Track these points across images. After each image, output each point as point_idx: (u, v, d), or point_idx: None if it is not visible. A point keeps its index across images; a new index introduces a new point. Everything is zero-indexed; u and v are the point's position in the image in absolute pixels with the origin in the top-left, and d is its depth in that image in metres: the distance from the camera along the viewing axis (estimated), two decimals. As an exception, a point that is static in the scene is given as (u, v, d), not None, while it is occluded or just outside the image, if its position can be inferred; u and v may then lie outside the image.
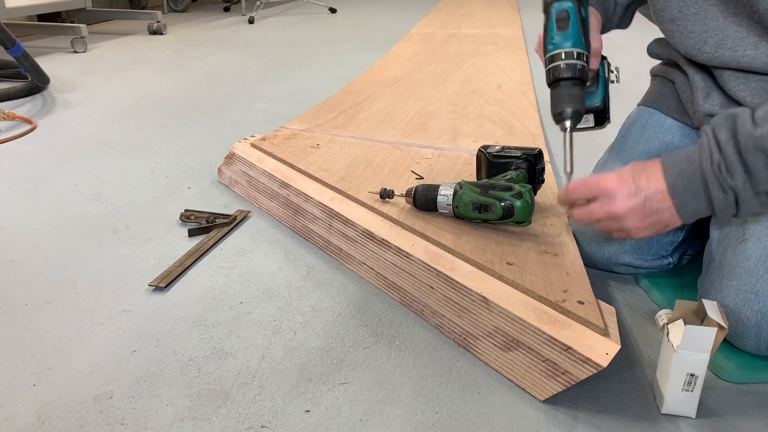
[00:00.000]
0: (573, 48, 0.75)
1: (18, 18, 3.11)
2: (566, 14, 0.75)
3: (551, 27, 0.76)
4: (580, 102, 0.76)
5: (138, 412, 0.71)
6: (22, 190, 1.34)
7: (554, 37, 0.76)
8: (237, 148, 1.36)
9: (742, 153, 0.65)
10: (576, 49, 0.75)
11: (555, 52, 0.76)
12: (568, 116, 0.76)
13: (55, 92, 2.14)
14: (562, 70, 0.75)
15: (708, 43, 0.80)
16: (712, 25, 0.80)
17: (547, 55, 0.77)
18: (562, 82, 0.76)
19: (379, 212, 1.01)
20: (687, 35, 0.83)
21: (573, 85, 0.76)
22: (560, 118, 0.77)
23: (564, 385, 0.71)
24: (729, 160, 0.66)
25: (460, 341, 0.83)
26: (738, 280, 0.76)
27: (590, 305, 0.75)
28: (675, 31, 0.84)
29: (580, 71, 0.75)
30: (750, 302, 0.75)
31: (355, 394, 0.74)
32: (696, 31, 0.81)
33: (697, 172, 0.68)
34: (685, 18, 0.82)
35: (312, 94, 2.07)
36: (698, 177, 0.68)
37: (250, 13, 3.89)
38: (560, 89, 0.76)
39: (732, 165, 0.66)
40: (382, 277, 0.95)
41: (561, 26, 0.75)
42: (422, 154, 1.28)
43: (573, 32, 0.75)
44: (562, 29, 0.75)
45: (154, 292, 0.96)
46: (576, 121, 0.76)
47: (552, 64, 0.77)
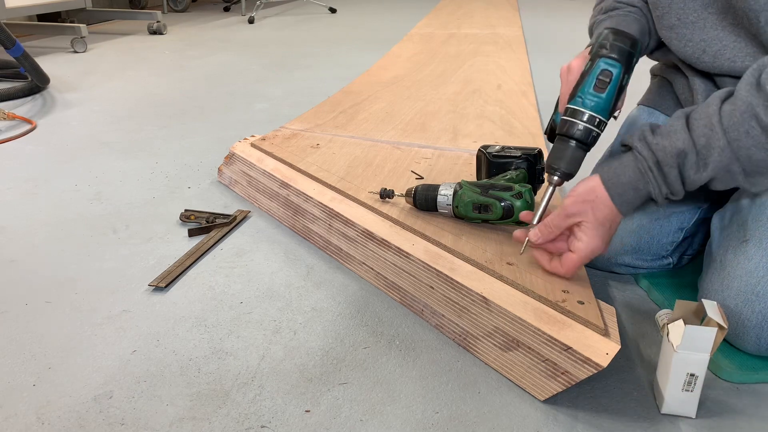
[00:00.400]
0: (598, 115, 0.74)
1: (18, 18, 3.11)
2: (610, 76, 0.73)
3: (589, 80, 0.74)
4: (577, 167, 0.77)
5: (138, 412, 0.71)
6: (22, 190, 1.34)
7: (587, 93, 0.74)
8: (237, 148, 1.36)
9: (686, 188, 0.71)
10: (600, 117, 0.74)
11: (581, 109, 0.74)
12: (562, 176, 0.77)
13: (55, 92, 2.14)
14: (579, 132, 0.74)
15: (707, 52, 0.80)
16: (711, 34, 0.79)
17: (572, 105, 0.75)
18: (573, 141, 0.75)
19: (379, 212, 1.01)
20: (686, 43, 0.82)
21: (580, 149, 0.76)
22: (554, 173, 0.77)
23: (564, 385, 0.71)
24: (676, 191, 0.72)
25: (460, 341, 0.83)
26: (739, 281, 0.76)
27: (590, 305, 0.75)
28: (673, 38, 0.84)
29: (592, 139, 0.75)
30: (751, 303, 0.75)
31: (355, 394, 0.74)
32: (695, 40, 0.81)
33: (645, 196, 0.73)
34: (684, 26, 0.82)
35: (312, 94, 2.07)
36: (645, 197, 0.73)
37: (250, 13, 3.89)
38: (567, 148, 0.76)
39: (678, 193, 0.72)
40: (382, 277, 0.95)
41: (599, 86, 0.73)
42: (422, 154, 1.28)
43: (607, 98, 0.74)
44: (600, 90, 0.73)
45: (154, 292, 0.96)
46: (565, 179, 0.78)
47: (571, 118, 0.75)
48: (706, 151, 0.68)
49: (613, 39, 0.74)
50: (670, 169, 0.70)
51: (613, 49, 0.74)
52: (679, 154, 0.69)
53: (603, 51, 0.74)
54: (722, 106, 0.67)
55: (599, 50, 0.75)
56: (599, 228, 0.75)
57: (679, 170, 0.70)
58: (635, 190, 0.73)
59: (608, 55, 0.74)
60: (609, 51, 0.74)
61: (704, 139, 0.67)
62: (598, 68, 0.74)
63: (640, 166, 0.72)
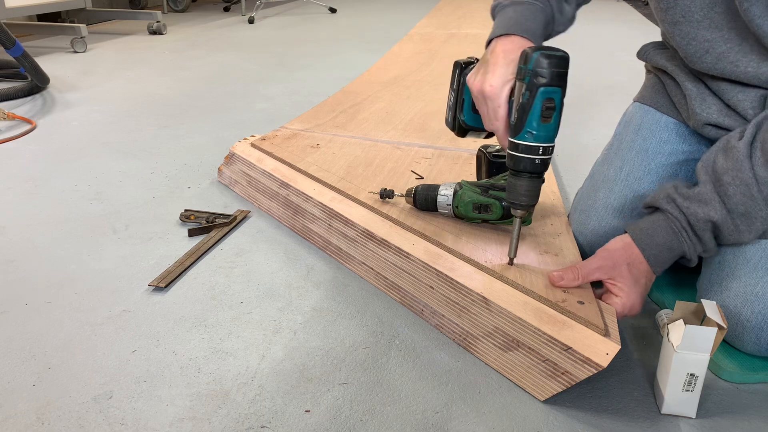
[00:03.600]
0: (549, 144, 0.72)
1: (18, 18, 3.11)
2: (553, 104, 0.70)
3: (534, 114, 0.70)
4: (538, 196, 0.77)
5: (138, 412, 0.71)
6: (22, 190, 1.34)
7: (536, 128, 0.71)
8: (237, 148, 1.35)
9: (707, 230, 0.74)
10: (550, 145, 0.73)
11: (533, 144, 0.72)
12: (525, 209, 0.77)
13: (55, 92, 2.14)
14: (536, 167, 0.73)
15: (710, 53, 0.80)
16: (716, 35, 0.78)
17: (521, 141, 0.72)
18: (528, 174, 0.74)
19: (379, 212, 1.01)
20: (689, 42, 0.82)
21: (537, 179, 0.75)
22: (516, 208, 0.77)
23: (564, 385, 0.71)
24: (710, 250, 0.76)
25: (460, 341, 0.83)
26: (738, 281, 0.76)
27: (590, 305, 0.75)
28: (676, 35, 0.83)
29: (546, 166, 0.74)
30: (750, 304, 0.75)
31: (355, 394, 0.74)
32: (699, 39, 0.80)
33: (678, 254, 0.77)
34: (688, 24, 0.80)
35: (312, 94, 2.07)
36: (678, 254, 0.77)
37: (250, 13, 3.89)
38: (526, 182, 0.75)
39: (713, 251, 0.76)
40: (382, 277, 0.95)
41: (546, 116, 0.70)
42: (422, 153, 1.28)
43: (554, 125, 0.72)
44: (546, 120, 0.71)
45: (154, 292, 0.96)
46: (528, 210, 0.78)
47: (526, 155, 0.73)
48: (746, 220, 0.71)
49: (548, 65, 0.69)
50: (703, 233, 0.74)
51: (552, 76, 0.69)
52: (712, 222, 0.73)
53: (540, 80, 0.69)
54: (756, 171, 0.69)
55: (536, 79, 0.70)
56: (635, 286, 0.77)
57: (714, 234, 0.74)
58: (670, 251, 0.75)
59: (548, 84, 0.70)
60: (548, 79, 0.69)
61: (743, 208, 0.70)
62: (541, 99, 0.70)
63: (674, 227, 0.75)
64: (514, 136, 0.74)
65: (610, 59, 2.48)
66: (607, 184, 0.96)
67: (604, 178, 0.97)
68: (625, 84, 2.16)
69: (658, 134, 0.94)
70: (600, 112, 1.86)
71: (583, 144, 1.60)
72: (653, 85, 0.98)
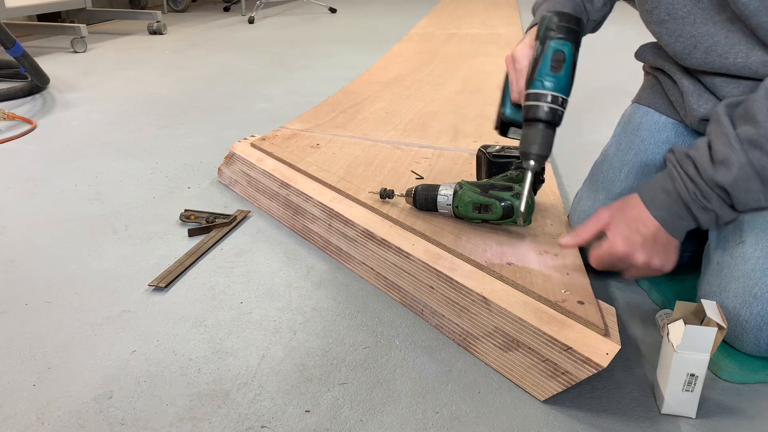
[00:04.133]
0: (560, 94, 0.75)
1: (18, 18, 3.11)
2: (563, 56, 0.75)
3: (545, 64, 0.75)
4: (550, 147, 0.78)
5: (138, 412, 0.71)
6: (22, 190, 1.34)
7: (545, 76, 0.75)
8: (237, 148, 1.35)
9: (711, 187, 0.71)
10: (562, 95, 0.76)
11: (542, 92, 0.75)
12: (536, 159, 0.77)
13: (55, 92, 2.14)
14: (545, 113, 0.75)
15: (698, 48, 0.80)
16: (702, 29, 0.79)
17: (533, 90, 0.76)
18: (541, 124, 0.76)
19: (379, 212, 1.01)
20: (676, 39, 0.82)
21: (549, 129, 0.77)
22: (528, 158, 0.78)
23: (564, 386, 0.71)
24: (703, 189, 0.71)
25: (460, 341, 0.83)
26: (736, 283, 0.76)
27: (590, 305, 0.75)
28: (663, 34, 0.84)
29: (559, 117, 0.76)
30: (749, 305, 0.75)
31: (355, 394, 0.74)
32: (685, 35, 0.81)
33: (678, 201, 0.73)
34: (674, 21, 0.81)
35: (312, 94, 2.07)
36: (680, 204, 0.73)
37: (250, 13, 3.89)
38: (537, 130, 0.76)
39: (707, 193, 0.71)
40: (382, 277, 0.95)
41: (555, 67, 0.75)
42: (422, 153, 1.28)
43: (565, 76, 0.75)
44: (556, 71, 0.75)
45: (154, 292, 0.96)
46: (541, 163, 0.78)
47: (535, 102, 0.76)
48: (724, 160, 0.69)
49: (558, 21, 0.75)
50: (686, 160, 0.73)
51: (561, 29, 0.75)
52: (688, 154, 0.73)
53: (551, 33, 0.75)
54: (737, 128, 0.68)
55: (547, 33, 0.76)
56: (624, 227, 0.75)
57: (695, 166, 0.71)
58: (665, 192, 0.74)
59: (557, 36, 0.75)
60: (557, 32, 0.75)
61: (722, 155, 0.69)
62: (551, 50, 0.75)
63: (669, 170, 0.74)
64: (527, 89, 0.77)
65: (611, 59, 2.48)
66: (607, 185, 0.96)
67: (604, 179, 0.97)
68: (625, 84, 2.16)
69: (657, 135, 0.94)
70: (600, 112, 1.86)
71: (583, 145, 1.60)
72: (651, 86, 0.98)
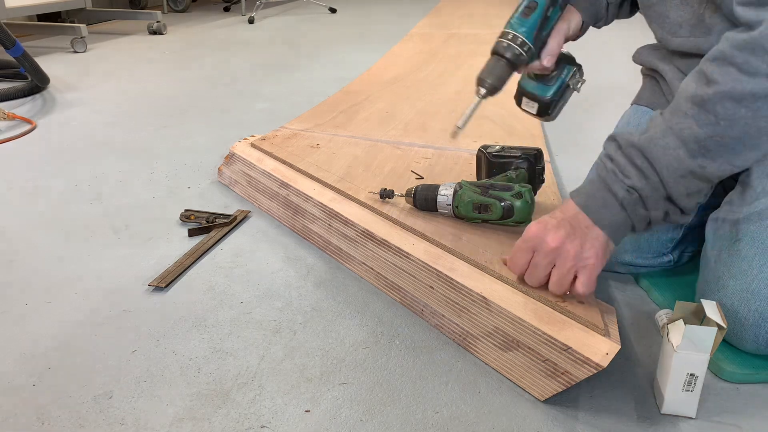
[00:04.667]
0: (521, 36, 0.81)
1: (18, 18, 3.11)
2: (535, 5, 0.81)
3: (518, 9, 0.82)
4: (501, 80, 0.82)
5: (138, 412, 0.71)
6: (22, 190, 1.34)
7: (515, 19, 0.82)
8: (237, 148, 1.35)
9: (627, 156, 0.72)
10: (522, 38, 0.81)
11: (508, 31, 0.82)
12: (485, 86, 0.82)
13: (55, 92, 2.14)
14: (503, 48, 0.81)
15: (683, 27, 0.82)
16: (687, 10, 0.81)
17: (504, 29, 0.83)
18: (497, 57, 0.82)
19: (379, 212, 1.01)
20: (663, 21, 0.85)
21: (504, 65, 0.82)
22: (479, 84, 0.82)
23: (564, 385, 0.71)
24: (620, 164, 0.73)
25: (459, 341, 0.83)
26: (734, 280, 0.76)
27: (590, 305, 0.75)
28: (653, 17, 0.86)
29: (515, 57, 0.81)
30: (747, 302, 0.75)
31: (355, 394, 0.74)
32: (672, 17, 0.83)
33: (600, 184, 0.74)
34: (662, 3, 0.84)
35: (312, 94, 2.07)
36: (601, 187, 0.74)
37: (250, 13, 3.89)
38: (493, 62, 0.82)
39: (624, 167, 0.72)
40: (382, 278, 0.95)
41: (525, 13, 0.81)
42: (422, 153, 1.28)
43: (530, 24, 0.81)
44: (525, 16, 0.81)
45: (154, 292, 0.96)
46: (490, 93, 0.82)
47: (500, 38, 0.82)
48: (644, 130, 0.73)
49: None
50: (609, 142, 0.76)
51: None
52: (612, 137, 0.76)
53: None
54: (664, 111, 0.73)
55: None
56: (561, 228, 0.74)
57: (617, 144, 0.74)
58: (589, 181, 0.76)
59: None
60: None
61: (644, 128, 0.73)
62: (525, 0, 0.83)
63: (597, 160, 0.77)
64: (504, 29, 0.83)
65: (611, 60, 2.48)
66: None
67: None
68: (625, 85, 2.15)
69: None
70: (600, 112, 1.86)
71: (583, 145, 1.60)
72: (650, 87, 0.98)
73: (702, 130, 0.68)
